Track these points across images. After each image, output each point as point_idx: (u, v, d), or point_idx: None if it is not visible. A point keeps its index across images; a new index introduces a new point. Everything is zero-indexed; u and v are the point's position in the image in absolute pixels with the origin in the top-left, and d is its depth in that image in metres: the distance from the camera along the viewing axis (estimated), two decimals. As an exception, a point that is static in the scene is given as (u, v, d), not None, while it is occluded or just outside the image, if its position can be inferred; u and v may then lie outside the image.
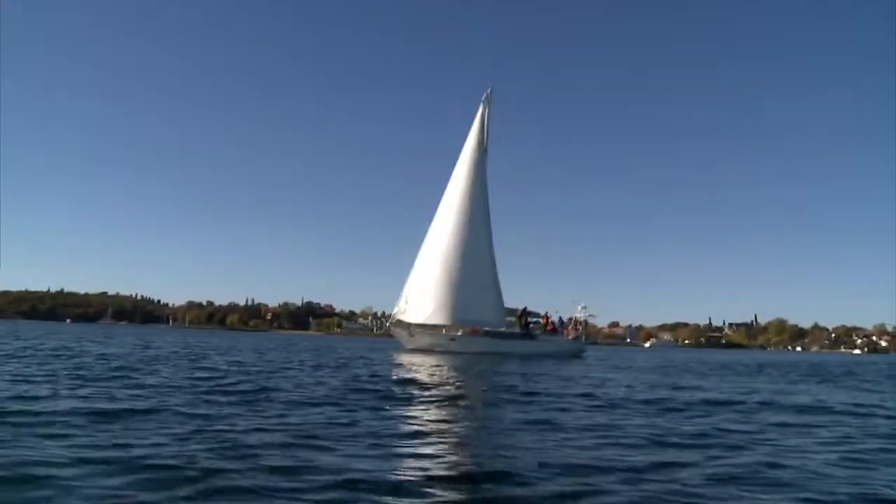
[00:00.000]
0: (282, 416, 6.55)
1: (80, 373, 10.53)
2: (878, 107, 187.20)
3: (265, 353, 21.68)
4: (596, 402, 9.02)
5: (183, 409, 6.56)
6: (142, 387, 8.68)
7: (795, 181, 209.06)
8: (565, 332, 36.23)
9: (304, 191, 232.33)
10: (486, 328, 32.15)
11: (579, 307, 37.03)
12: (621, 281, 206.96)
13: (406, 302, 32.44)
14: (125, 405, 6.78)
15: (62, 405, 6.56)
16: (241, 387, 9.20)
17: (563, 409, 8.04)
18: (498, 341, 31.92)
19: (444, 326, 31.94)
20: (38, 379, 9.15)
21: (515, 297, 34.50)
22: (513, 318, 34.05)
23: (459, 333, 31.87)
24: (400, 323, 32.43)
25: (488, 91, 34.86)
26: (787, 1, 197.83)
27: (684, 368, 22.99)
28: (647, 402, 9.39)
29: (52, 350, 17.08)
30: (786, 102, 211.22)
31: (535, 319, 35.14)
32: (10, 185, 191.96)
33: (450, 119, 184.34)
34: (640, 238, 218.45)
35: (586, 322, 37.79)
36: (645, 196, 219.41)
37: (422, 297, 31.91)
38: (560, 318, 36.41)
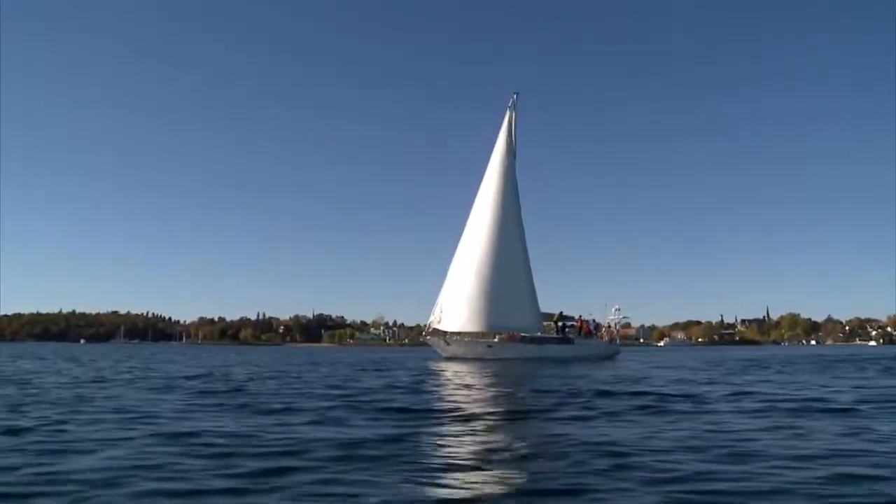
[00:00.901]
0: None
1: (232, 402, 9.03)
2: (880, 103, 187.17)
3: (334, 369, 20.62)
4: (753, 406, 8.51)
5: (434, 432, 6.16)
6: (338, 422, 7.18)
7: (800, 177, 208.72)
8: (600, 335, 36.09)
9: (309, 201, 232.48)
10: (523, 334, 31.91)
11: (613, 309, 36.92)
12: (632, 281, 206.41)
13: (441, 311, 32.32)
14: (361, 434, 5.94)
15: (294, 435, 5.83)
16: (420, 405, 8.45)
17: (747, 413, 7.71)
18: (535, 346, 31.77)
19: (480, 334, 31.68)
20: (208, 410, 7.99)
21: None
22: (550, 323, 34.04)
23: (496, 340, 31.64)
24: (436, 332, 32.30)
25: (514, 97, 34.85)
26: (788, 1, 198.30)
27: (755, 364, 22.89)
28: (807, 400, 9.05)
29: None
30: (787, 100, 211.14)
31: (570, 323, 34.98)
32: (13, 206, 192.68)
33: (456, 129, 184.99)
34: (649, 237, 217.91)
35: (618, 324, 37.90)
36: (648, 195, 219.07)
37: (457, 305, 31.88)
38: (594, 320, 36.23)
